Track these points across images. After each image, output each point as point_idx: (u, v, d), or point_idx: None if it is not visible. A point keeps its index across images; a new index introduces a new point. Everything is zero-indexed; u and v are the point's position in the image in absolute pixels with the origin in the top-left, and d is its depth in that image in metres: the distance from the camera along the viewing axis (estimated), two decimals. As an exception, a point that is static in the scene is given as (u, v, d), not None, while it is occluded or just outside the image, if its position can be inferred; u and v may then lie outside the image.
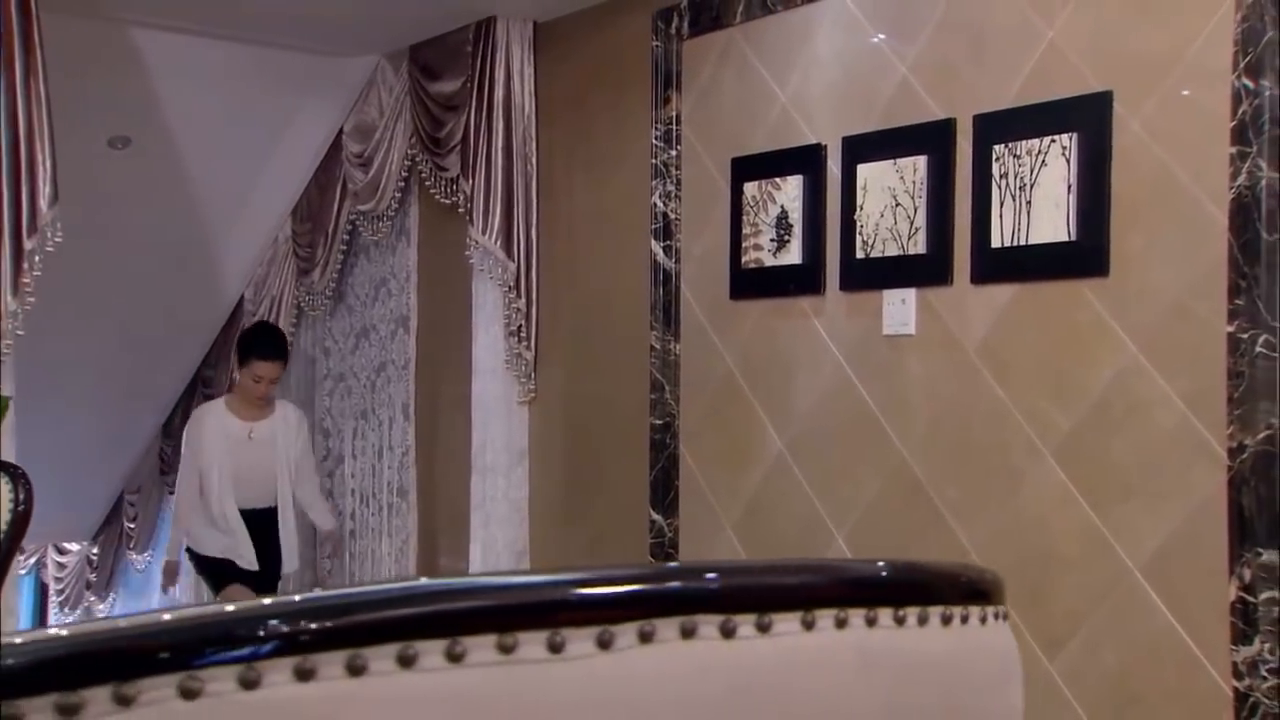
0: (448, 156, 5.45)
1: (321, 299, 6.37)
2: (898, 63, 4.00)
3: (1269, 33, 3.15)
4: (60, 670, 0.70)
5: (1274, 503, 3.13)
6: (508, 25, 5.26)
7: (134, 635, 0.72)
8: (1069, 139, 3.52)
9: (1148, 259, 3.39)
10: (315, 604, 0.73)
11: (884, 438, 4.01)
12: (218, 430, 5.71)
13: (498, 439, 5.28)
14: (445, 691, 0.69)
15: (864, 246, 4.03)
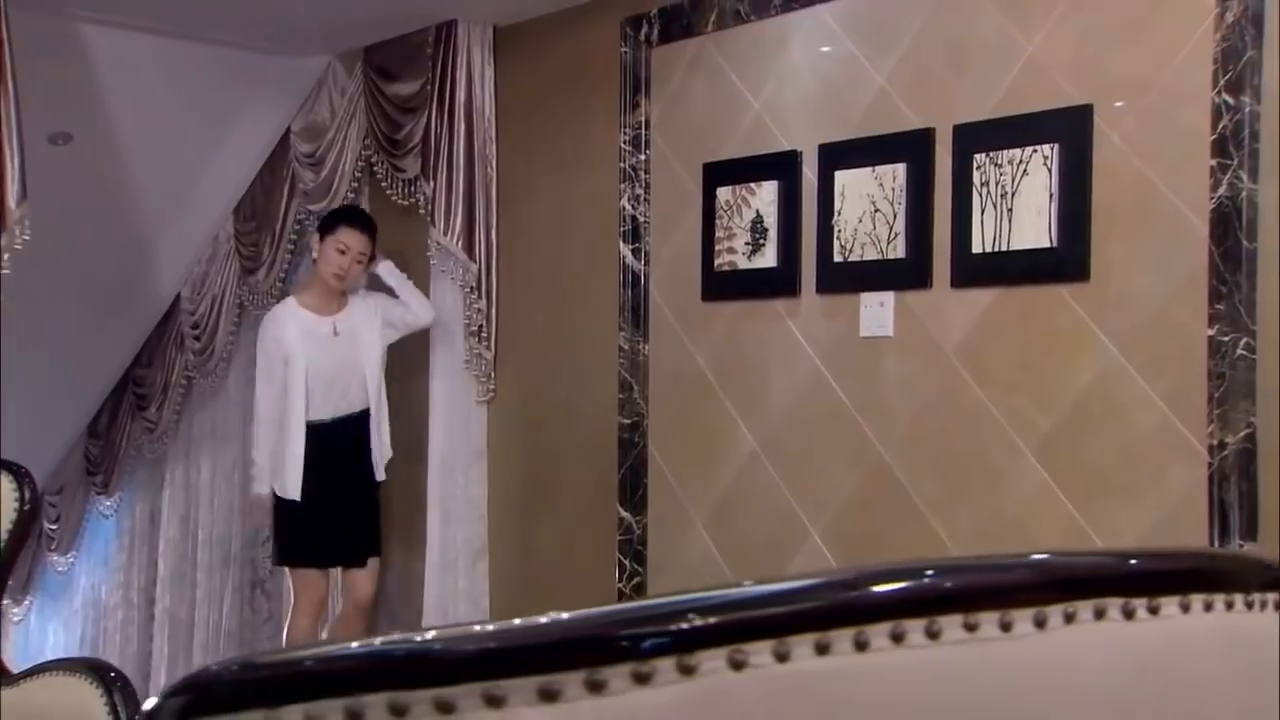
0: (405, 158, 5.42)
1: (267, 298, 6.28)
2: (875, 73, 4.07)
3: (1249, 51, 3.27)
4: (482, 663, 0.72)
5: (1254, 498, 3.25)
6: (468, 29, 5.25)
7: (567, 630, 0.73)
8: (1050, 149, 3.62)
9: (1129, 265, 3.49)
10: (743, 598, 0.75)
11: (861, 436, 4.08)
12: (298, 333, 5.02)
13: (456, 437, 5.26)
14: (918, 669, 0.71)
15: (842, 250, 4.10)
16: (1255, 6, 3.27)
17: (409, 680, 0.66)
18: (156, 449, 7.03)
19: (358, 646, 0.72)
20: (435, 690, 0.67)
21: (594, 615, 0.70)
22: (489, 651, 0.67)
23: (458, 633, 0.70)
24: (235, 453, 6.62)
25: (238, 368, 6.57)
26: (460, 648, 0.69)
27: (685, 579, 4.58)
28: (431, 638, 0.70)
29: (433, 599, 5.24)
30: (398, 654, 0.69)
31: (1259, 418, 3.24)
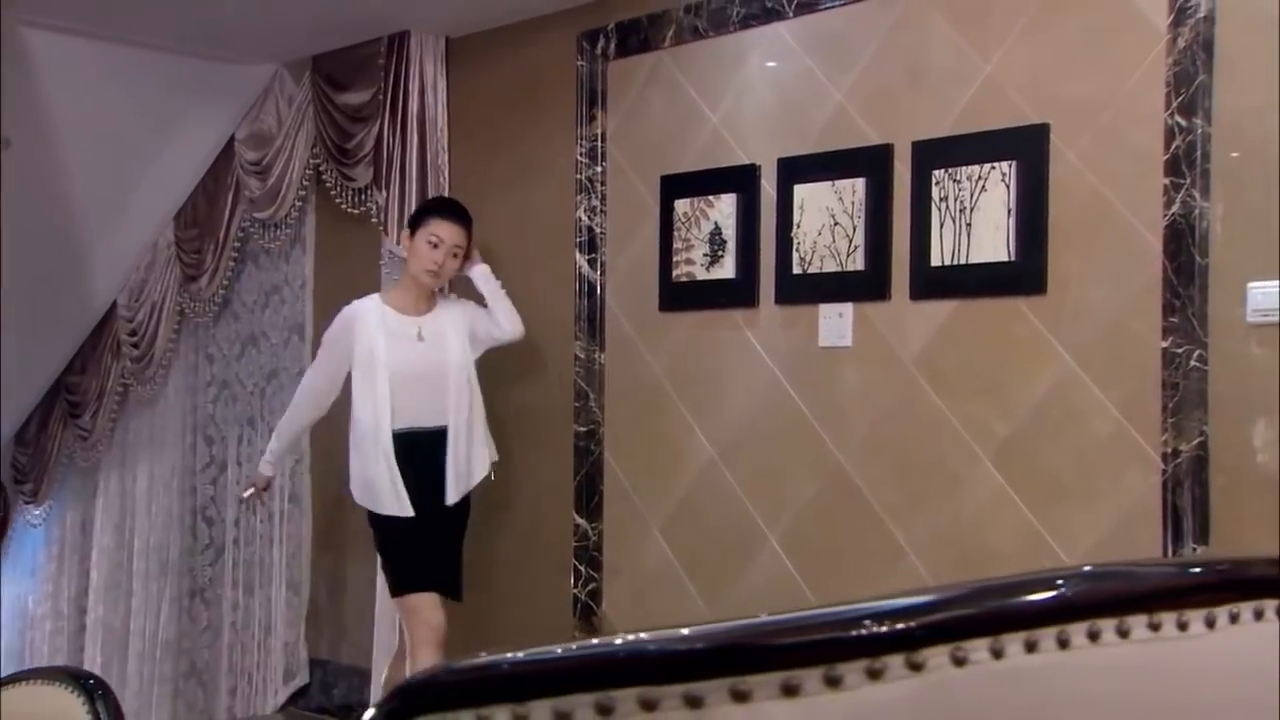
0: (356, 167, 5.42)
1: (209, 305, 6.24)
2: (833, 89, 4.16)
3: (1200, 76, 3.40)
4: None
5: (1205, 503, 3.38)
6: (421, 39, 5.26)
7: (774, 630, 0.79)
8: (1008, 166, 3.73)
9: (1084, 279, 3.61)
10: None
11: (820, 444, 4.16)
12: (379, 330, 4.49)
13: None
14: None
15: (801, 263, 4.18)
16: (1206, 33, 3.40)
17: (693, 674, 0.72)
18: (90, 457, 6.94)
19: (578, 648, 0.77)
20: (685, 685, 0.72)
21: (831, 614, 0.75)
22: (735, 648, 0.72)
23: (704, 630, 0.75)
24: (174, 460, 6.56)
25: (178, 375, 6.52)
26: (708, 645, 0.74)
27: (642, 585, 4.64)
28: (688, 634, 0.75)
29: (385, 605, 5.23)
30: (650, 652, 0.74)
31: (1211, 426, 3.36)
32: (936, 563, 3.89)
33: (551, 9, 4.92)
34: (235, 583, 6.29)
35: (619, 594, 4.71)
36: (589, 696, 0.74)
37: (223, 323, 6.36)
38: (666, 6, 4.57)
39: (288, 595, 5.94)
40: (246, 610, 6.21)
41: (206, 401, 6.49)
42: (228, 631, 6.32)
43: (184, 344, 6.51)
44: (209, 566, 6.46)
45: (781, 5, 4.26)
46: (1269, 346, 3.28)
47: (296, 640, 5.90)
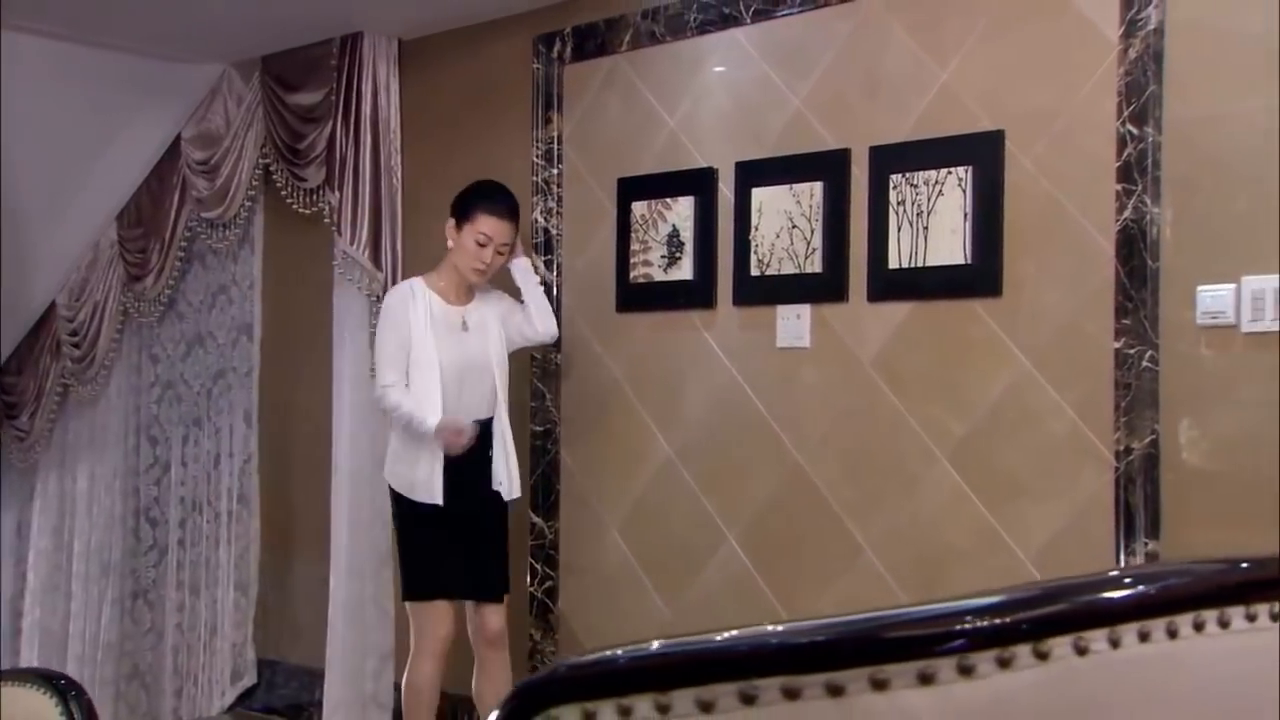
0: (307, 167, 5.40)
1: (154, 306, 6.18)
2: (791, 95, 4.22)
3: (1151, 86, 3.50)
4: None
5: (1157, 499, 3.48)
6: (374, 41, 5.26)
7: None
8: (965, 171, 3.81)
9: (1039, 282, 3.70)
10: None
11: (778, 443, 4.22)
12: (425, 316, 4.30)
13: (362, 445, 5.26)
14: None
15: (759, 265, 4.24)
16: (1156, 45, 3.50)
17: (828, 664, 0.76)
18: (27, 458, 6.84)
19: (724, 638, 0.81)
20: (828, 674, 0.76)
21: (958, 607, 0.79)
22: (876, 639, 0.77)
23: (846, 621, 0.79)
24: (116, 461, 6.49)
25: (120, 375, 6.45)
26: (850, 635, 0.78)
27: (599, 583, 4.67)
28: (831, 624, 0.79)
29: (339, 604, 5.23)
30: (797, 642, 0.78)
31: (1162, 425, 3.46)
32: (894, 560, 3.96)
33: (506, 12, 4.93)
34: (180, 584, 6.23)
35: (576, 592, 4.75)
36: (732, 686, 0.78)
37: (167, 323, 6.30)
38: (624, 11, 4.61)
39: (235, 596, 5.90)
40: (192, 611, 6.16)
41: (150, 402, 6.42)
42: (172, 633, 6.26)
43: (127, 344, 6.44)
44: (152, 568, 6.40)
45: (739, 12, 4.32)
46: (1218, 348, 3.39)
47: (244, 641, 5.86)
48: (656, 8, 4.52)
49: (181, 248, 6.03)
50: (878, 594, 3.97)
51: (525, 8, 4.88)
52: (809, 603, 4.14)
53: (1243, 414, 3.35)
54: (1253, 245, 3.34)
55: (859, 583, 4.03)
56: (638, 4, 4.57)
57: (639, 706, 0.80)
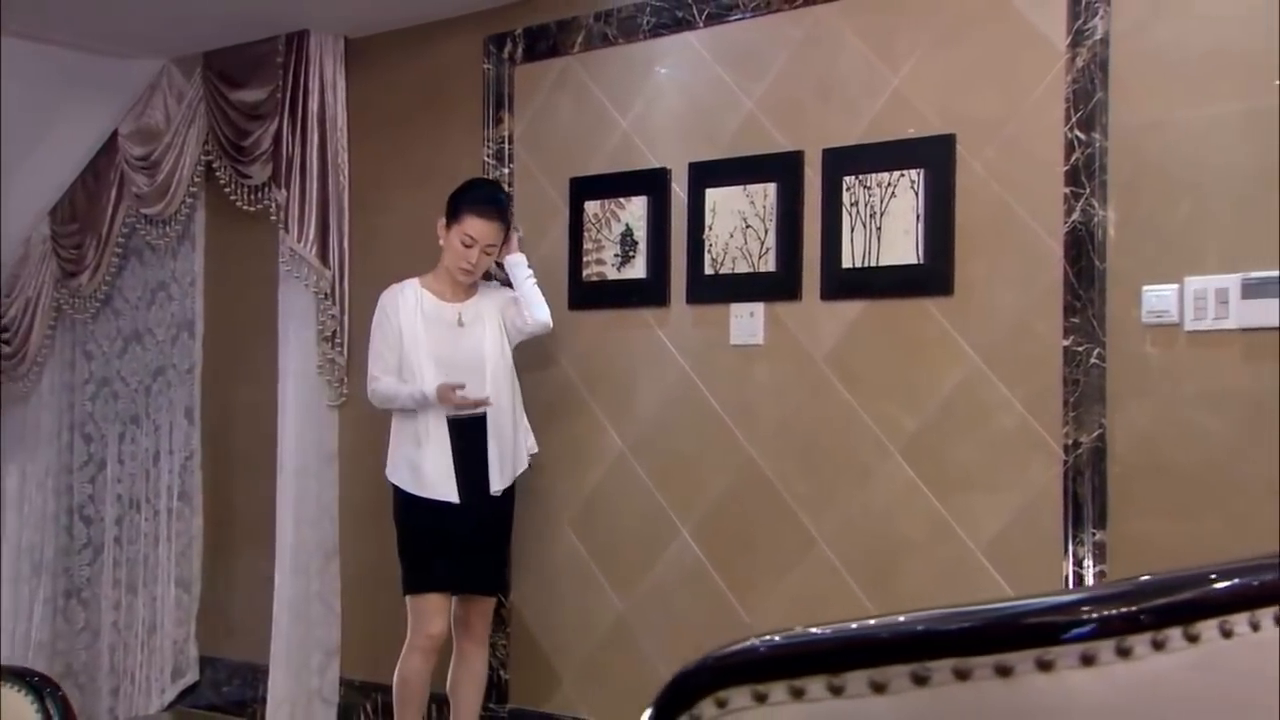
0: (252, 165, 5.36)
1: (90, 302, 6.09)
2: (744, 97, 4.28)
3: (1098, 94, 3.61)
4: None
5: (1104, 491, 3.59)
6: (320, 39, 5.23)
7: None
8: (917, 174, 3.89)
9: (990, 281, 3.80)
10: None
11: (731, 438, 4.28)
12: (416, 313, 4.38)
13: (308, 442, 5.24)
14: None
15: (713, 264, 4.29)
16: (1102, 54, 3.61)
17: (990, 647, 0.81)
18: (-46, 456, 6.71)
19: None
20: (997, 656, 0.82)
21: (1111, 593, 0.85)
22: (1043, 624, 0.82)
23: (1017, 606, 0.84)
24: (49, 458, 6.39)
25: (53, 372, 6.34)
26: (1022, 618, 0.84)
27: (551, 576, 4.70)
28: (1003, 608, 0.84)
29: (284, 601, 5.20)
30: (970, 626, 0.83)
31: (1109, 420, 3.57)
32: (847, 552, 4.04)
33: (456, 12, 4.94)
34: (117, 582, 6.15)
35: (529, 587, 4.77)
36: (905, 668, 0.83)
37: (103, 319, 6.21)
38: (576, 13, 4.64)
39: (177, 593, 5.83)
40: (129, 610, 6.08)
41: (85, 399, 6.32)
42: (108, 632, 6.17)
43: (60, 341, 6.33)
44: (87, 566, 6.30)
45: (692, 15, 4.37)
46: (1162, 346, 3.51)
47: (186, 638, 5.80)
48: (609, 10, 4.55)
49: (119, 244, 5.95)
50: (831, 585, 4.05)
51: (475, 8, 4.89)
52: (763, 594, 4.21)
53: (1186, 409, 3.47)
54: (1195, 247, 3.46)
55: (812, 574, 4.11)
56: (590, 6, 4.60)
57: (811, 688, 0.84)
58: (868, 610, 3.98)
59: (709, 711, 0.88)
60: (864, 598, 4.00)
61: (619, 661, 4.53)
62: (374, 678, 5.18)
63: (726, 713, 0.88)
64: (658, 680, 3.58)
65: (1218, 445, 3.42)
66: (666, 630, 4.42)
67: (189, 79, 5.66)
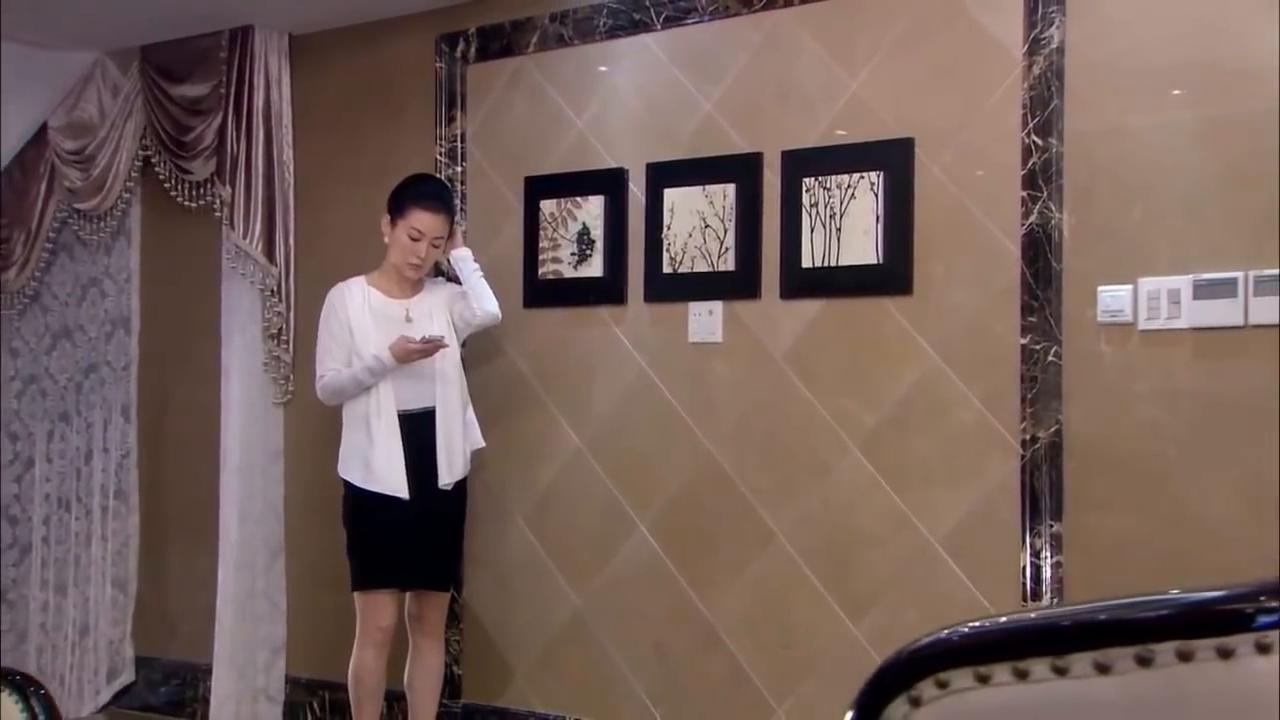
0: (194, 160, 5.28)
1: (18, 299, 5.95)
2: (702, 99, 4.32)
3: (1054, 101, 3.71)
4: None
5: (1060, 485, 3.69)
6: (265, 35, 5.17)
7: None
8: (876, 176, 3.96)
9: (948, 281, 3.88)
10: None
11: (689, 435, 4.31)
12: (364, 310, 4.31)
13: (253, 439, 5.18)
14: None
15: (672, 263, 4.32)
16: (1058, 63, 3.70)
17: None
18: None
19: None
20: (1178, 643, 0.87)
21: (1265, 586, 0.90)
22: (1225, 613, 0.88)
23: (1192, 597, 0.89)
24: (-30, 457, 6.24)
25: (-23, 368, 6.19)
26: (1199, 608, 0.89)
27: (504, 571, 4.70)
28: (1178, 598, 0.89)
29: (228, 598, 5.13)
30: (1152, 616, 0.88)
31: (1065, 415, 3.67)
32: (806, 545, 4.10)
33: (405, 11, 4.91)
34: (44, 583, 6.01)
35: (481, 582, 4.76)
36: (1088, 655, 0.88)
37: (30, 316, 6.06)
38: (530, 14, 4.64)
39: (113, 593, 5.72)
40: (58, 611, 5.95)
41: (10, 397, 6.17)
42: (36, 633, 6.03)
43: (-15, 336, 6.19)
44: (13, 567, 6.15)
45: (650, 18, 4.40)
46: (1116, 344, 3.62)
47: (122, 638, 5.69)
48: (565, 11, 4.56)
49: (49, 239, 5.83)
50: (790, 578, 4.11)
51: (424, 7, 4.86)
52: (722, 588, 4.26)
53: (1140, 405, 3.59)
54: (1148, 250, 3.57)
55: (771, 567, 4.16)
56: (546, 7, 4.61)
57: (1035, 669, 0.89)
58: (826, 602, 4.05)
59: (929, 692, 0.92)
60: (824, 590, 4.07)
61: (575, 655, 4.55)
62: (320, 675, 5.14)
63: (948, 693, 0.91)
64: (616, 673, 3.71)
65: (1170, 440, 3.53)
66: (624, 624, 4.45)
67: (125, 72, 5.55)
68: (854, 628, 4.01)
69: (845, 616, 4.02)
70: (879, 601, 3.97)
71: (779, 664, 4.15)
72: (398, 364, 4.20)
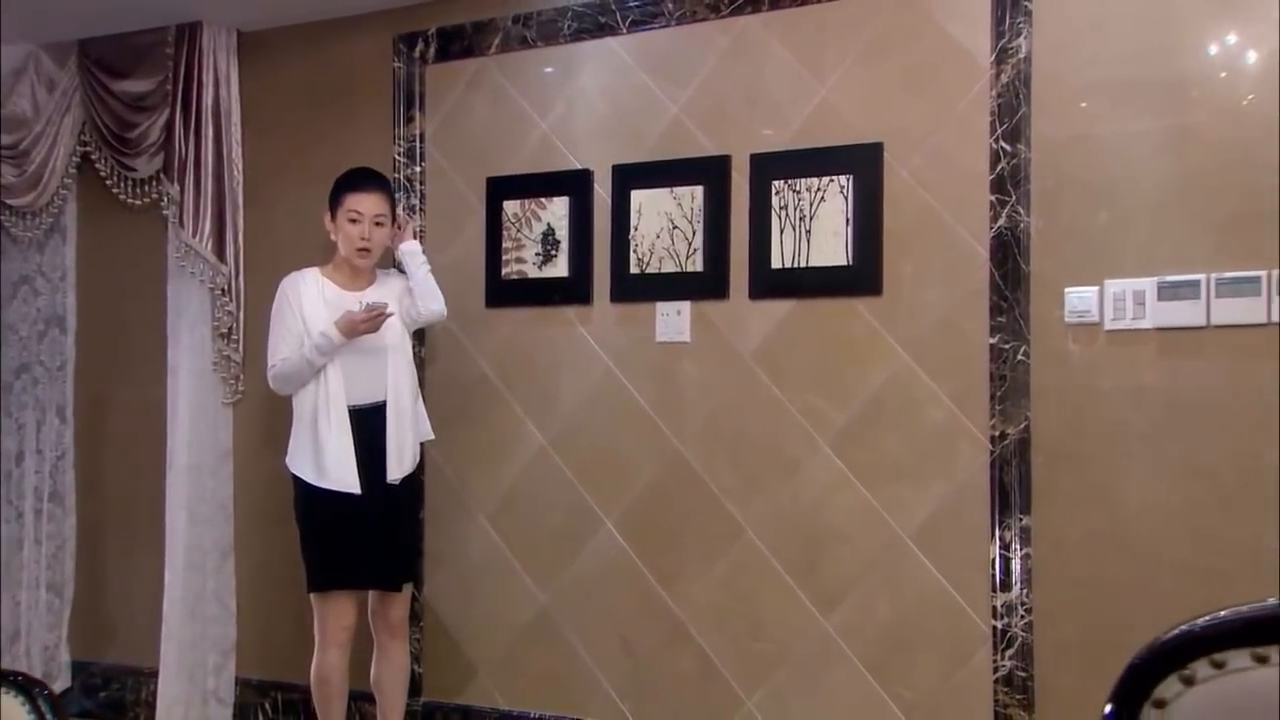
0: (138, 158, 5.12)
1: (-51, 298, 5.72)
2: (669, 103, 4.31)
3: (1022, 108, 3.78)
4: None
5: (1029, 479, 3.76)
6: (214, 32, 5.04)
7: None
8: (846, 179, 4.00)
9: (918, 282, 3.93)
10: None
11: (657, 432, 4.30)
12: (318, 301, 4.19)
13: (202, 439, 5.04)
14: None
15: (639, 263, 4.31)
16: (1025, 70, 3.77)
17: None
18: None
19: None
20: None
21: None
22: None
23: None
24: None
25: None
26: None
27: (465, 570, 4.64)
28: None
29: (176, 600, 4.99)
30: None
31: (1033, 412, 3.74)
32: (776, 540, 4.12)
33: (360, 10, 4.82)
34: (-22, 587, 5.79)
35: (442, 580, 4.70)
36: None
37: (-49, 314, 5.84)
38: (492, 15, 4.60)
39: (48, 597, 5.52)
40: (-14, 615, 5.74)
41: (-70, 398, 5.93)
42: (-39, 639, 5.81)
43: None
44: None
45: (615, 21, 4.38)
46: (1083, 343, 3.70)
47: (58, 643, 5.49)
48: (529, 13, 4.52)
49: (-19, 236, 5.62)
50: (760, 573, 4.13)
51: (380, 6, 4.79)
52: (690, 583, 4.26)
53: (1106, 402, 3.67)
54: (1114, 252, 3.65)
55: (741, 563, 4.17)
56: (508, 9, 4.57)
57: (1232, 659, 0.92)
58: (796, 595, 4.08)
59: (1203, 671, 0.94)
60: (793, 584, 4.09)
61: (540, 652, 4.51)
62: (272, 676, 5.03)
63: (1224, 673, 0.94)
64: (582, 669, 3.72)
65: (1134, 436, 3.62)
66: (590, 621, 4.43)
67: (61, 66, 5.36)
68: (824, 621, 4.04)
69: (815, 609, 4.05)
70: (849, 595, 4.01)
71: (749, 657, 4.16)
72: (345, 339, 4.09)
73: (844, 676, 4.01)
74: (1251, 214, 3.47)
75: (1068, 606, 3.71)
